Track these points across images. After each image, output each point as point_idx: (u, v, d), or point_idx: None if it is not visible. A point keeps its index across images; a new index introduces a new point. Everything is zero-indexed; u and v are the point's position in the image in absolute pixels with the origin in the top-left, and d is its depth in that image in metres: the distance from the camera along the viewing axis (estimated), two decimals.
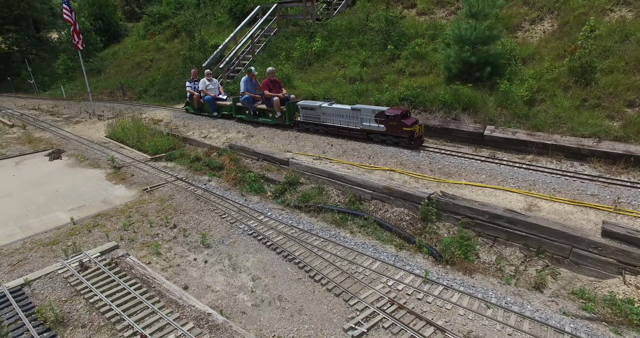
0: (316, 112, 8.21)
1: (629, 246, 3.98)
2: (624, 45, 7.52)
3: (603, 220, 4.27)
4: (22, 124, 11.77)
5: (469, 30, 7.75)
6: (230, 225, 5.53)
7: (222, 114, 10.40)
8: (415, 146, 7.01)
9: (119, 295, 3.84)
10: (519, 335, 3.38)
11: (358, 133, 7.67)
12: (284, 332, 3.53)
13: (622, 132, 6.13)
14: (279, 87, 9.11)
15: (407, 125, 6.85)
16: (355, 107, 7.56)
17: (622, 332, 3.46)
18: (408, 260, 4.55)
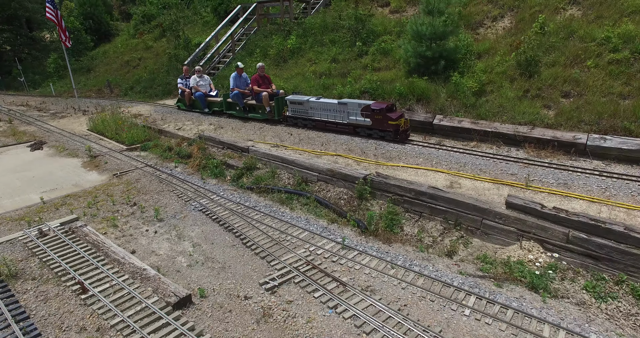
0: (304, 107, 8.26)
1: (525, 216, 4.53)
2: (567, 41, 8.08)
3: (508, 194, 4.82)
4: (8, 119, 12.48)
5: (425, 26, 8.34)
6: (185, 202, 6.12)
7: (214, 111, 10.52)
8: (401, 140, 7.08)
9: (69, 255, 4.43)
10: (411, 288, 3.93)
11: (345, 127, 7.71)
12: (208, 284, 4.10)
13: (554, 120, 6.70)
14: (269, 82, 9.22)
15: (392, 119, 6.90)
16: (342, 101, 7.62)
17: (503, 285, 4.00)
18: (336, 231, 5.12)
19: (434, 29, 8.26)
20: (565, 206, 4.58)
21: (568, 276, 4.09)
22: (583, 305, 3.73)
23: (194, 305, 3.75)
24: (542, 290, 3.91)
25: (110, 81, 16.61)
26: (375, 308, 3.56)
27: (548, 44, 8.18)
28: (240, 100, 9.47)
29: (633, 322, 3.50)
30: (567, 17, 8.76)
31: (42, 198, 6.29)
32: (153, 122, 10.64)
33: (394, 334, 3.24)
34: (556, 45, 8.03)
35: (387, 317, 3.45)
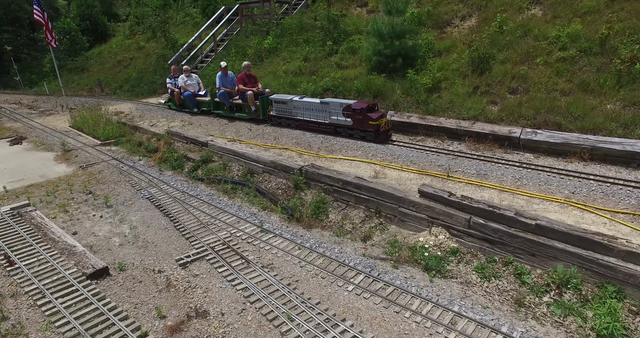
0: (288, 106, 8.25)
1: (434, 203, 4.87)
2: (522, 39, 8.36)
3: (422, 183, 5.16)
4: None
5: (385, 26, 8.73)
6: (137, 191, 6.63)
7: (202, 110, 10.61)
8: (382, 141, 7.01)
9: (9, 234, 4.96)
10: (308, 267, 4.33)
11: (327, 126, 7.66)
12: (131, 260, 4.58)
13: (497, 115, 6.99)
14: (255, 81, 9.25)
15: (373, 119, 6.85)
16: (324, 100, 7.60)
17: (400, 267, 4.35)
18: (263, 217, 5.54)
19: (392, 28, 8.64)
20: (478, 195, 4.91)
21: (465, 259, 4.42)
22: (468, 284, 4.06)
23: (110, 276, 4.23)
24: (435, 271, 4.24)
25: (101, 80, 17.43)
26: (268, 282, 3.97)
27: (504, 42, 8.48)
28: (226, 99, 9.53)
29: (504, 297, 3.81)
30: (528, 17, 9.04)
31: (5, 187, 6.90)
32: (131, 119, 11.26)
33: (274, 303, 3.64)
34: (511, 43, 8.32)
35: (275, 290, 3.85)
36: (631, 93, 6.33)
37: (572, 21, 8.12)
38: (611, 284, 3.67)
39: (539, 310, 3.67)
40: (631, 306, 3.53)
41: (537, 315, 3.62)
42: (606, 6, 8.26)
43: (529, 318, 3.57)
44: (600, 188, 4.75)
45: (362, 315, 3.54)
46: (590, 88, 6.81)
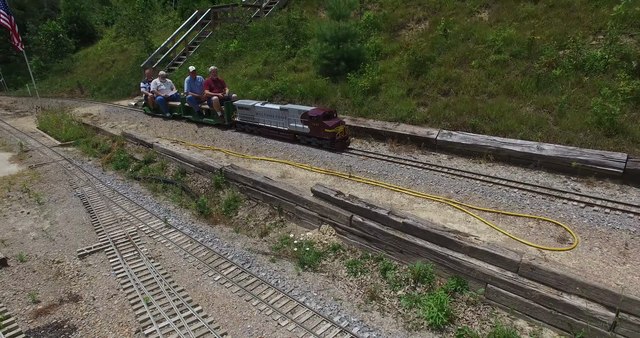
0: (250, 112, 8.21)
1: (324, 202, 5.22)
2: (463, 42, 8.67)
3: (316, 183, 5.52)
4: None
5: (328, 30, 9.12)
6: (72, 190, 7.12)
7: (174, 115, 10.67)
8: (338, 149, 6.89)
9: None
10: (191, 258, 4.73)
11: (286, 134, 7.61)
12: (36, 252, 5.04)
13: (424, 116, 7.30)
14: (222, 86, 9.25)
15: (329, 126, 6.74)
16: (283, 107, 7.52)
17: (277, 261, 4.71)
18: (177, 213, 5.96)
19: (336, 32, 9.03)
20: (370, 194, 5.25)
21: (342, 256, 4.76)
22: (334, 278, 4.40)
23: (7, 267, 4.68)
24: (308, 265, 4.60)
25: (81, 83, 18.16)
26: (147, 272, 4.38)
27: (446, 45, 8.79)
28: (195, 104, 9.53)
29: (362, 290, 4.14)
30: (476, 20, 9.35)
31: None
32: (96, 121, 11.83)
33: (142, 290, 4.04)
34: (452, 46, 8.63)
35: (150, 278, 4.26)
36: (542, 97, 6.62)
37: (510, 25, 8.42)
38: (457, 277, 3.99)
39: (389, 303, 3.99)
40: (469, 297, 3.84)
41: (385, 307, 3.95)
42: (544, 11, 8.54)
43: (374, 310, 3.90)
44: (482, 188, 5.05)
45: (215, 302, 3.92)
46: (513, 91, 7.10)
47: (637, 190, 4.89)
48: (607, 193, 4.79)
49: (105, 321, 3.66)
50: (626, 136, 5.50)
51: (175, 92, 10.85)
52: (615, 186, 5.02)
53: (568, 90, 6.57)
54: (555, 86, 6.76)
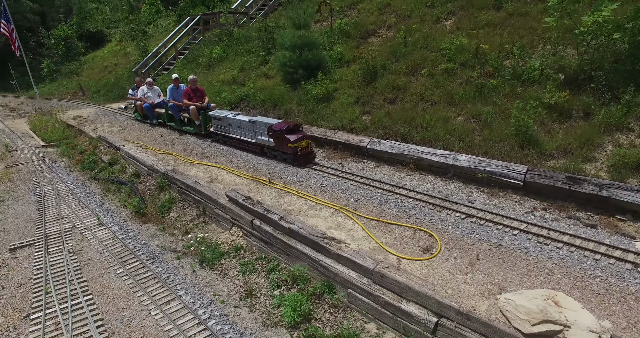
0: (223, 123, 8.27)
1: (234, 206, 5.67)
2: (420, 50, 8.89)
3: (232, 188, 5.96)
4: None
5: (288, 38, 9.57)
6: (34, 189, 7.90)
7: (159, 122, 10.99)
8: (301, 164, 6.84)
9: None
10: (107, 252, 5.28)
11: (254, 146, 7.65)
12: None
13: (365, 124, 7.60)
14: (201, 95, 9.42)
15: (291, 141, 6.69)
16: (252, 119, 7.51)
17: (182, 258, 5.20)
18: (116, 212, 6.57)
19: (295, 41, 9.47)
20: (281, 199, 5.65)
21: (242, 256, 5.19)
22: (224, 276, 4.83)
23: None
24: (207, 263, 5.05)
25: (83, 85, 19.46)
26: (62, 264, 4.97)
27: (402, 52, 9.05)
28: (176, 113, 9.78)
29: (243, 288, 4.54)
30: (440, 27, 9.54)
31: None
32: (82, 124, 12.80)
33: (48, 281, 4.62)
34: (408, 54, 8.87)
35: (62, 269, 4.84)
36: (473, 107, 6.79)
37: (466, 34, 8.57)
38: (327, 281, 4.33)
39: (263, 301, 4.38)
40: (332, 300, 4.18)
41: (257, 304, 4.34)
42: (503, 20, 8.64)
43: (245, 307, 4.30)
44: (380, 197, 5.34)
45: (107, 292, 4.45)
46: (453, 100, 7.29)
47: (533, 201, 5.05)
48: (497, 204, 4.98)
49: (2, 307, 4.26)
50: (536, 148, 5.64)
51: (162, 100, 11.02)
52: (516, 197, 5.19)
53: (500, 100, 6.73)
54: (491, 96, 6.93)
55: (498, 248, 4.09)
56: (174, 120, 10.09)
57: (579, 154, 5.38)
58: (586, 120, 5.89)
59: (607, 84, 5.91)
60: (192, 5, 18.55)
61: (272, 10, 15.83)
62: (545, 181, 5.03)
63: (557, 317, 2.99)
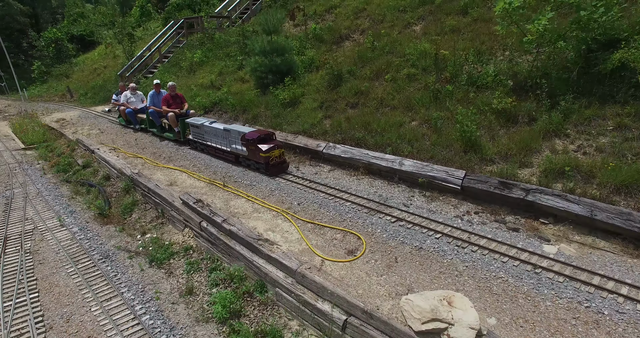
0: (200, 131, 8.28)
1: (186, 208, 5.95)
2: (385, 56, 9.16)
3: (185, 192, 6.25)
4: None
5: (258, 44, 9.87)
6: (5, 191, 8.22)
7: (142, 127, 11.08)
8: (273, 174, 6.81)
9: None
10: (62, 253, 5.58)
11: (229, 155, 7.65)
12: None
13: (323, 129, 7.88)
14: (181, 102, 9.43)
15: (263, 150, 6.67)
16: (226, 127, 7.51)
17: (135, 258, 5.49)
18: (79, 214, 6.88)
19: (264, 46, 9.76)
20: (231, 202, 5.94)
21: (189, 256, 5.47)
22: (170, 274, 5.12)
23: None
24: (156, 262, 5.34)
25: (71, 88, 19.84)
26: (16, 264, 5.27)
27: (368, 58, 9.33)
28: (156, 119, 9.85)
29: (185, 286, 4.83)
30: (410, 32, 9.81)
31: None
32: (64, 126, 13.15)
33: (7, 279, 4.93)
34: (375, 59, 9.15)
35: (14, 269, 5.15)
36: (427, 112, 7.06)
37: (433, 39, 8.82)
38: (260, 280, 4.61)
39: (201, 298, 4.66)
40: (261, 298, 4.45)
41: (195, 301, 4.62)
42: (467, 25, 8.90)
43: (182, 303, 4.58)
44: (322, 200, 5.63)
45: (55, 290, 4.75)
46: (411, 105, 7.56)
47: (469, 205, 5.31)
48: (432, 208, 5.25)
49: None
50: (478, 153, 5.90)
51: (144, 105, 10.95)
52: (454, 201, 5.45)
53: (453, 105, 6.99)
54: (446, 102, 7.20)
55: (419, 251, 4.36)
56: (155, 126, 10.12)
57: (517, 160, 5.64)
58: (530, 126, 6.15)
59: (548, 91, 6.17)
60: (178, 9, 18.91)
61: (254, 14, 16.15)
62: (480, 186, 5.29)
63: (445, 315, 3.25)
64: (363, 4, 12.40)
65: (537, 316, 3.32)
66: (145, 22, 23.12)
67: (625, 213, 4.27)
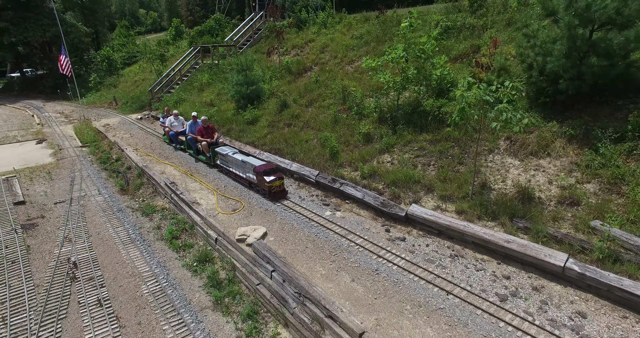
0: (226, 159, 10.80)
1: (165, 187, 10.77)
2: (321, 88, 13.51)
3: (166, 177, 11.09)
4: (41, 123, 22.30)
5: (234, 78, 14.63)
6: (70, 173, 13.64)
7: (181, 148, 14.06)
8: (273, 199, 9.23)
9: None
10: (98, 208, 10.62)
11: (245, 180, 10.07)
12: (39, 198, 11.38)
13: (265, 141, 12.40)
14: (212, 132, 12.29)
15: (267, 181, 9.08)
16: (244, 159, 9.90)
17: (134, 212, 10.41)
18: (110, 188, 12.00)
19: (238, 79, 14.50)
20: (192, 184, 10.67)
21: (164, 212, 10.28)
22: (151, 219, 9.94)
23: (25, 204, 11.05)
24: (144, 214, 10.21)
25: (116, 97, 26.06)
26: (76, 210, 10.36)
27: (311, 89, 13.73)
28: (193, 144, 12.79)
29: (156, 225, 9.62)
30: (344, 70, 14.09)
31: (14, 168, 14.54)
32: (108, 130, 18.84)
33: (73, 219, 10.03)
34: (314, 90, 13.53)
35: (76, 212, 10.23)
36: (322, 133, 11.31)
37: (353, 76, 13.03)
38: (191, 222, 9.28)
39: (163, 230, 9.41)
40: (190, 231, 9.10)
41: (160, 231, 9.39)
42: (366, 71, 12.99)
43: (152, 232, 9.36)
44: (234, 184, 10.17)
45: (93, 221, 9.73)
46: (321, 126, 11.88)
47: (318, 192, 9.58)
48: (294, 192, 9.60)
49: (43, 230, 9.71)
50: (335, 160, 10.11)
51: (184, 129, 13.88)
52: (311, 189, 9.76)
53: (340, 128, 11.21)
54: (339, 125, 11.43)
55: (266, 211, 8.76)
56: (192, 149, 13.13)
57: (354, 166, 9.80)
58: (376, 144, 10.24)
59: (394, 122, 10.22)
60: (200, 34, 24.40)
61: (256, 42, 21.06)
62: (322, 180, 9.55)
63: (249, 234, 7.69)
64: (328, 41, 16.79)
65: (296, 239, 7.63)
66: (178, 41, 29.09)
67: (378, 196, 8.38)
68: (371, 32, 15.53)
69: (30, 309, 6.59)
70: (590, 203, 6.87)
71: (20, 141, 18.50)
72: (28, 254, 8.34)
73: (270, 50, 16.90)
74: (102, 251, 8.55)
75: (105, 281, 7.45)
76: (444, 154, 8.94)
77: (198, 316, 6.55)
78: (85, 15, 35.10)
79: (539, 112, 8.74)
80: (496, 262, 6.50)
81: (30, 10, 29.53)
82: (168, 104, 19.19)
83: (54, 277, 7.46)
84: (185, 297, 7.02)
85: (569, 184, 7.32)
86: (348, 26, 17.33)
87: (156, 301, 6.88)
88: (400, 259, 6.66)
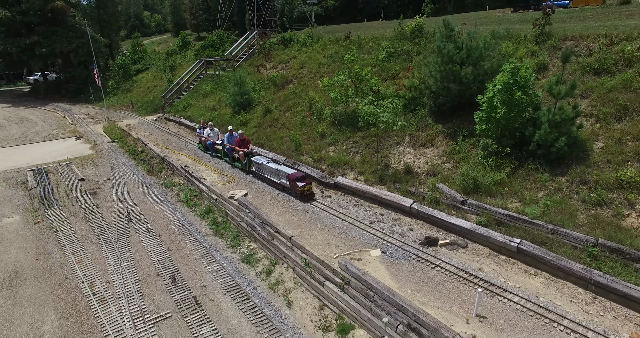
0: (260, 167, 13.43)
1: (181, 169, 15.96)
2: (297, 98, 18.63)
3: (182, 161, 16.29)
4: (74, 124, 27.67)
5: (231, 89, 19.82)
6: (109, 161, 18.86)
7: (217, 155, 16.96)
8: (304, 200, 11.66)
9: (64, 169, 17.48)
10: (135, 183, 15.83)
11: (278, 185, 12.66)
12: (90, 176, 16.60)
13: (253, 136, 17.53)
14: (247, 143, 14.91)
15: (299, 186, 11.58)
16: (278, 168, 12.55)
17: (160, 186, 15.62)
18: (140, 171, 17.22)
19: (234, 90, 19.67)
20: (200, 167, 15.84)
21: (180, 186, 15.49)
22: (171, 190, 15.14)
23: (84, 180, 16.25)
24: (167, 187, 15.41)
25: (133, 101, 31.39)
26: (120, 184, 15.54)
27: (289, 98, 18.84)
28: (230, 152, 15.45)
29: (177, 194, 14.80)
30: (316, 84, 19.20)
31: (68, 157, 19.80)
32: (130, 129, 24.09)
33: (120, 191, 15.24)
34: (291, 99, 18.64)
35: (121, 185, 15.44)
36: (291, 132, 16.39)
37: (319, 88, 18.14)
38: (198, 190, 14.45)
39: (180, 196, 14.58)
40: (199, 196, 14.26)
41: (178, 197, 14.55)
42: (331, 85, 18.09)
43: (173, 197, 14.53)
44: (229, 167, 15.30)
45: (133, 191, 14.91)
46: (292, 127, 16.97)
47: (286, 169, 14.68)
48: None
49: (103, 198, 14.90)
50: (299, 150, 15.17)
51: (218, 139, 17.32)
52: None
53: (305, 128, 16.29)
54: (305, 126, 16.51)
55: (252, 182, 13.86)
56: (229, 157, 15.88)
57: (311, 154, 14.86)
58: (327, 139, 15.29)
59: (342, 123, 15.28)
60: (204, 48, 29.65)
61: (250, 57, 26.24)
62: (287, 164, 14.64)
63: (236, 194, 12.82)
64: (306, 58, 21.90)
65: (265, 197, 12.72)
66: (185, 51, 34.36)
67: (320, 172, 13.46)
68: (339, 52, 20.58)
69: (110, 232, 11.79)
70: (444, 174, 11.88)
71: (63, 138, 23.90)
72: (98, 208, 13.54)
73: (259, 66, 22.06)
74: (143, 206, 13.72)
75: (148, 221, 12.60)
76: (368, 146, 13.98)
77: (205, 238, 11.66)
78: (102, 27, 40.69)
79: (433, 118, 13.78)
80: (380, 208, 11.53)
81: (58, 24, 35.11)
82: (178, 108, 24.48)
83: (118, 218, 12.64)
84: (197, 229, 12.14)
85: (436, 163, 12.34)
86: (323, 46, 22.40)
87: (179, 230, 12.02)
88: (323, 205, 11.71)
